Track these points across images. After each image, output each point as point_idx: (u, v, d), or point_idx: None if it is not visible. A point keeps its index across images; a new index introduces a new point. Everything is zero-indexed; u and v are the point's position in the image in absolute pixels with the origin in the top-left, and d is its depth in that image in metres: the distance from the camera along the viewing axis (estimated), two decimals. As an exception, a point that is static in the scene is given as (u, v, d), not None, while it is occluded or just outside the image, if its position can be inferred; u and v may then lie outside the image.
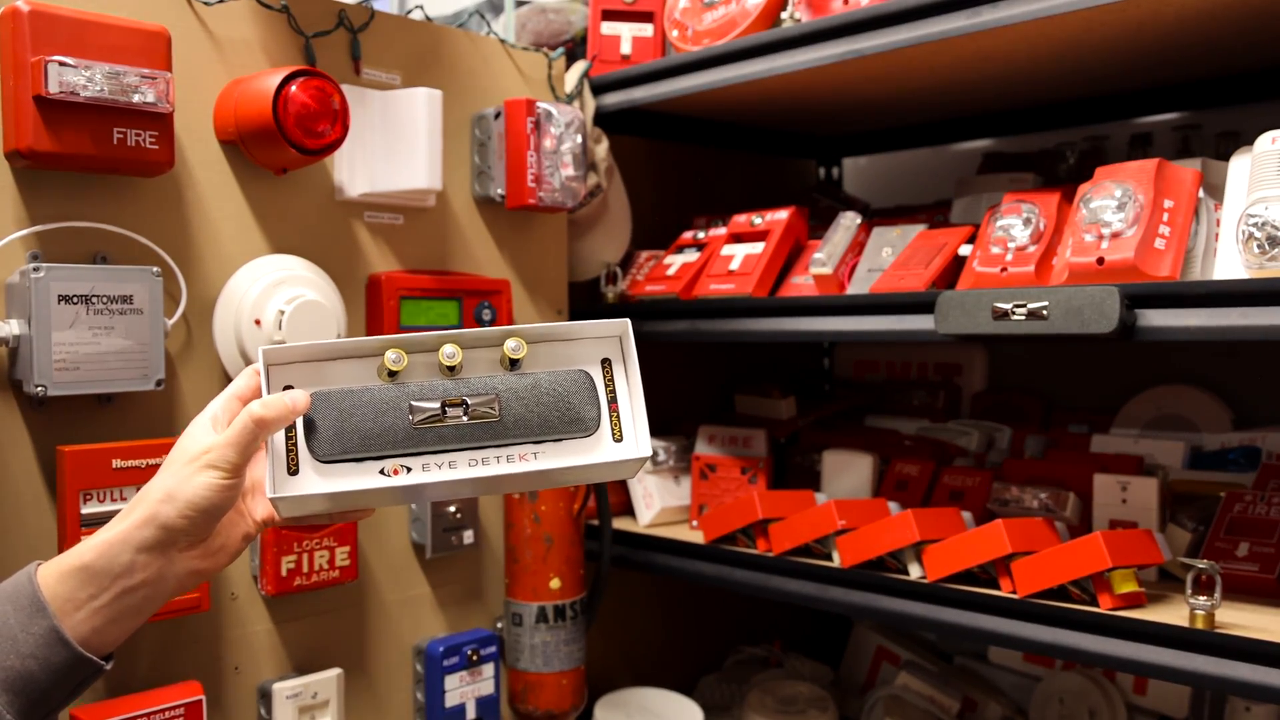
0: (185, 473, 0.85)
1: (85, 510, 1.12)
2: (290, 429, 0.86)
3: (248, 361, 1.25)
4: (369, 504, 0.92)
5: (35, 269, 1.09)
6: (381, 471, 0.86)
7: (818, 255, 1.51)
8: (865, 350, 2.20)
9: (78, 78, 1.08)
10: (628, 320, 0.92)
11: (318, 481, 0.86)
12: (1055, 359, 1.95)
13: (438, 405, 0.87)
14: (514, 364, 0.91)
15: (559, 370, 0.91)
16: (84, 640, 0.83)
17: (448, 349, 0.89)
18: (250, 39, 1.31)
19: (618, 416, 0.91)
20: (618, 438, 0.91)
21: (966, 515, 1.43)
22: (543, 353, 0.92)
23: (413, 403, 0.87)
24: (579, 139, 1.55)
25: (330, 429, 0.86)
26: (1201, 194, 1.23)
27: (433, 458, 0.88)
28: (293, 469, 0.86)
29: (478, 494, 0.93)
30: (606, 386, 0.92)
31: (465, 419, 0.87)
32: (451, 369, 0.89)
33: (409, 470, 0.87)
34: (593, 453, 0.90)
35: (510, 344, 0.90)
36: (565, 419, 0.89)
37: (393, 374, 0.88)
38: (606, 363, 0.93)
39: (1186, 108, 1.74)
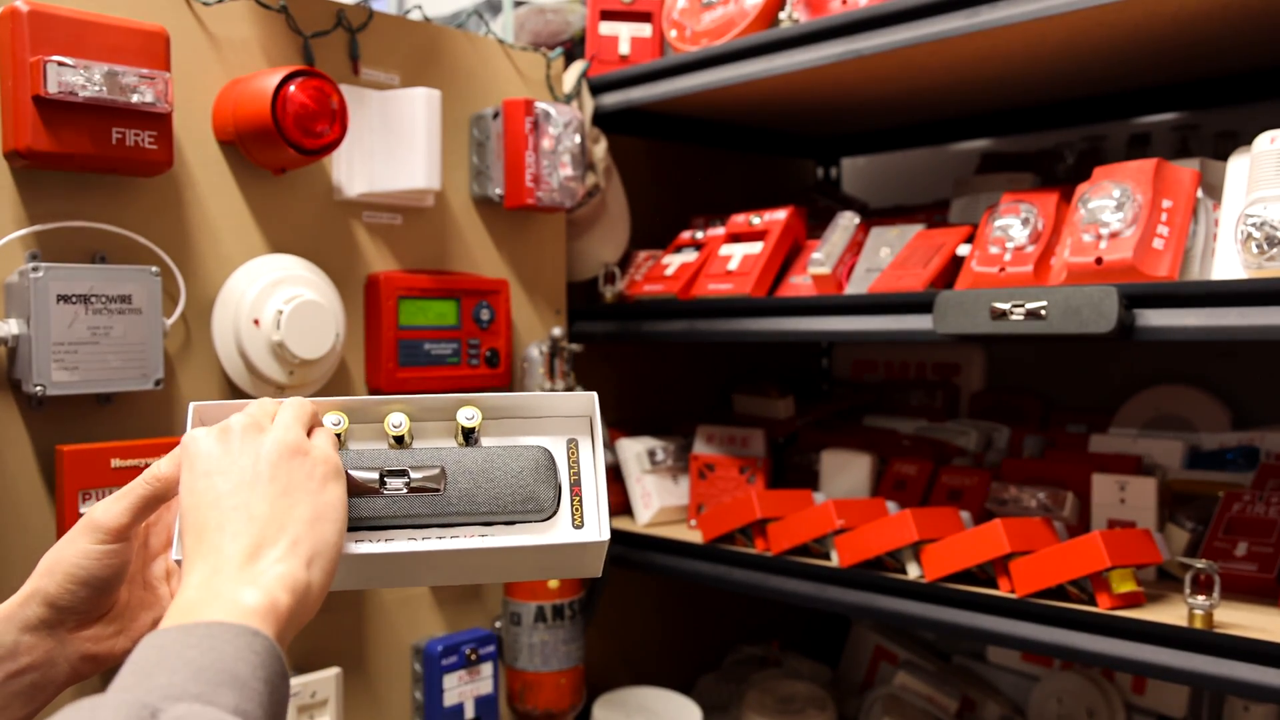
0: (70, 536, 0.77)
1: (84, 510, 1.12)
2: None
3: (246, 362, 1.25)
4: None
5: (34, 269, 1.09)
6: None
7: (816, 255, 1.51)
8: (863, 350, 2.20)
9: (76, 78, 1.08)
10: (594, 395, 0.85)
11: None
12: (1054, 359, 1.96)
13: (375, 475, 0.79)
14: (468, 435, 0.83)
15: (516, 445, 0.83)
16: None
17: (394, 418, 0.81)
18: (249, 39, 1.31)
19: (580, 501, 0.83)
20: (578, 524, 0.82)
21: (965, 515, 1.44)
22: (503, 427, 0.84)
23: (349, 471, 0.78)
24: (577, 139, 1.55)
25: None
26: (1200, 194, 1.23)
27: (367, 533, 0.78)
28: None
29: (414, 580, 0.82)
30: (570, 468, 0.84)
31: (405, 491, 0.78)
32: (399, 439, 0.82)
33: None
34: (547, 535, 0.81)
35: (464, 413, 0.82)
36: (518, 499, 0.80)
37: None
38: (573, 442, 0.85)
39: (1185, 108, 1.74)
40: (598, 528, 0.82)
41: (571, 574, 0.86)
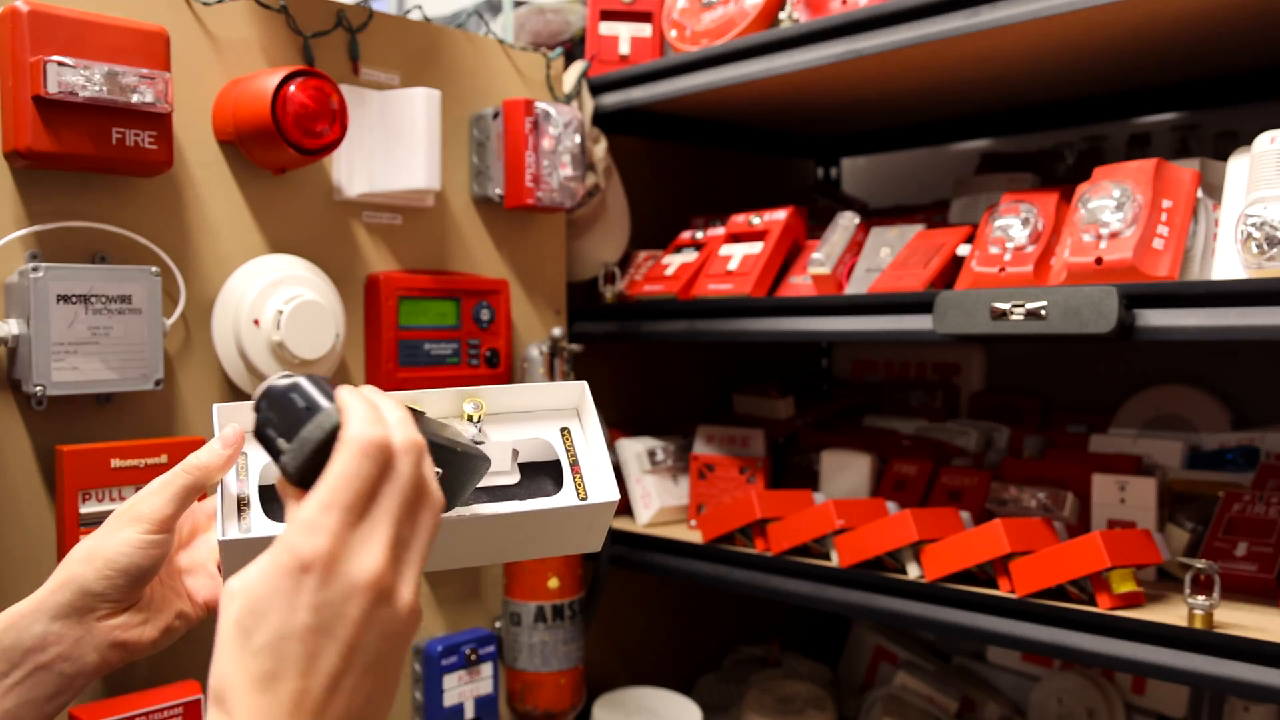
0: (111, 527, 0.78)
1: (84, 510, 1.12)
2: (245, 499, 0.78)
3: (246, 362, 1.25)
4: None
5: (34, 269, 1.09)
6: None
7: (816, 255, 1.51)
8: (863, 350, 2.20)
9: (76, 78, 1.07)
10: (584, 384, 0.90)
11: (270, 526, 0.77)
12: (1053, 359, 1.96)
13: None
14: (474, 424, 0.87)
15: (524, 436, 0.88)
16: None
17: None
18: (249, 39, 1.31)
19: (581, 478, 0.88)
20: (583, 496, 0.87)
21: (965, 515, 1.44)
22: (498, 419, 0.88)
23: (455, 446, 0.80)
24: (577, 139, 1.55)
25: None
26: (1200, 194, 1.24)
27: None
28: (244, 529, 0.78)
29: (442, 563, 0.85)
30: (568, 451, 0.89)
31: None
32: None
33: None
34: (559, 500, 0.86)
35: (468, 405, 0.86)
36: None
37: None
38: (565, 431, 0.90)
39: (1185, 108, 1.74)
40: (602, 491, 0.87)
41: (577, 548, 0.90)
